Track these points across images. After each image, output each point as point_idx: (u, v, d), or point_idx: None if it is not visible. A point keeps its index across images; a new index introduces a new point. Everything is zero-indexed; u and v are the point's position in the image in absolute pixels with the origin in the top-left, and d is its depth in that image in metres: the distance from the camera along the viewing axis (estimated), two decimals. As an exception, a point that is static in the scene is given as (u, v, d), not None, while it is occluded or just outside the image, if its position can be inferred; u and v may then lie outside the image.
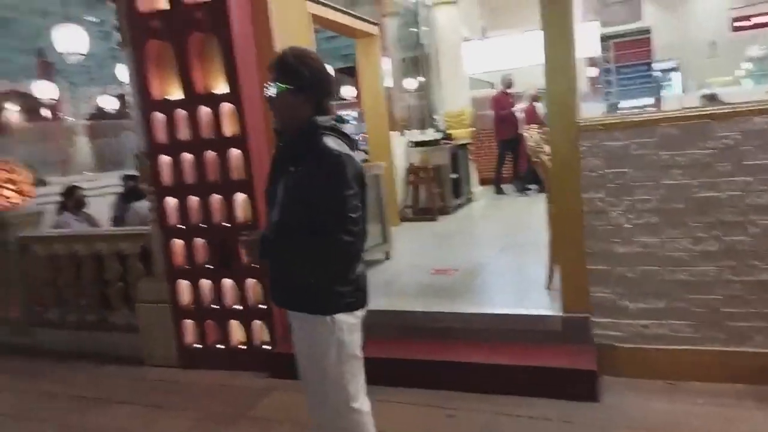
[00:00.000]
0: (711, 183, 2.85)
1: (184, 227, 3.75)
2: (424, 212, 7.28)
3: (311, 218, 1.79)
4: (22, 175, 4.45)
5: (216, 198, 3.67)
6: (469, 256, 4.88)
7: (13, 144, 14.22)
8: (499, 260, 4.68)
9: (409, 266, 4.74)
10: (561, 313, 3.23)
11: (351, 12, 6.07)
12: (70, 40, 6.28)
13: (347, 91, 17.29)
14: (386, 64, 8.75)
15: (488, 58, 9.97)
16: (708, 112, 2.90)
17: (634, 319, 3.06)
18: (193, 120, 3.64)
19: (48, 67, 10.28)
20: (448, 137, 8.29)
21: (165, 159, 3.74)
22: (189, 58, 3.61)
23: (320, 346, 1.91)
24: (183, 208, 3.74)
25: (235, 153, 3.59)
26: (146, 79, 3.72)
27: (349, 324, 1.91)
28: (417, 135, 8.32)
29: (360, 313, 1.95)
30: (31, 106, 13.84)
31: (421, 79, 9.27)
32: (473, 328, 3.40)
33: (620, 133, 3.00)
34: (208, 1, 3.51)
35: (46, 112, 14.79)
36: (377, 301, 3.66)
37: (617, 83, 2.75)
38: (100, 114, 15.86)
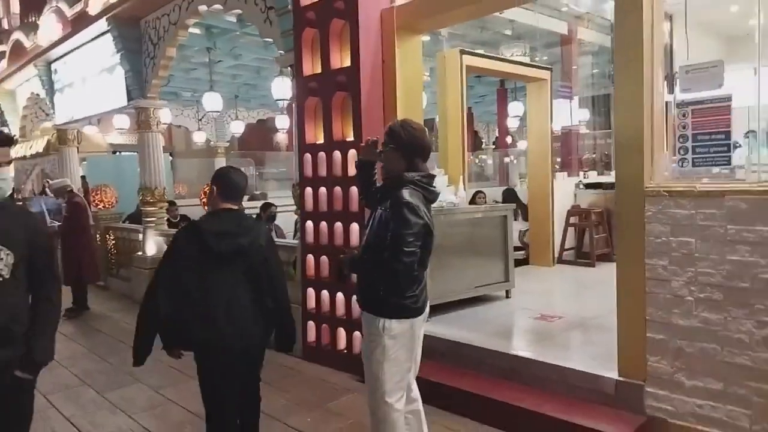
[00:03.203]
0: (778, 264, 2.62)
1: (314, 245, 4.64)
2: (584, 257, 7.12)
3: (384, 246, 2.39)
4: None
5: (338, 225, 4.46)
6: (587, 307, 4.81)
7: (269, 161, 17.56)
8: (613, 316, 4.53)
9: (520, 308, 4.89)
10: (616, 377, 3.20)
11: (514, 60, 6.41)
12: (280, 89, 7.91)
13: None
14: (571, 104, 8.74)
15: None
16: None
17: (689, 397, 2.90)
18: (329, 161, 4.51)
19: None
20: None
21: (308, 190, 4.69)
22: (331, 112, 4.49)
23: (372, 342, 2.52)
24: (316, 230, 4.63)
25: (354, 190, 4.34)
26: (303, 127, 4.72)
27: (397, 330, 2.46)
28: (595, 177, 8.11)
29: (408, 323, 2.48)
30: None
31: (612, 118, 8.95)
32: (533, 374, 3.54)
33: (686, 202, 2.91)
34: (347, 66, 4.35)
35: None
36: (461, 333, 4.05)
37: (692, 150, 2.50)
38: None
